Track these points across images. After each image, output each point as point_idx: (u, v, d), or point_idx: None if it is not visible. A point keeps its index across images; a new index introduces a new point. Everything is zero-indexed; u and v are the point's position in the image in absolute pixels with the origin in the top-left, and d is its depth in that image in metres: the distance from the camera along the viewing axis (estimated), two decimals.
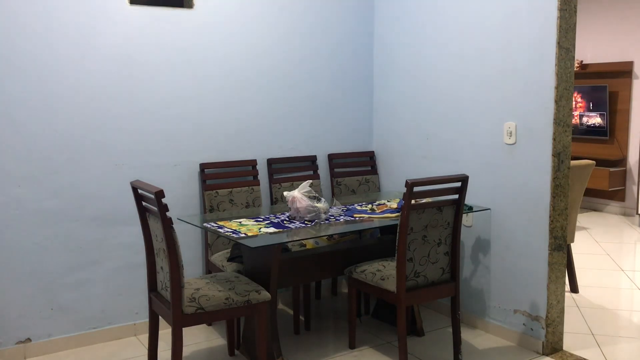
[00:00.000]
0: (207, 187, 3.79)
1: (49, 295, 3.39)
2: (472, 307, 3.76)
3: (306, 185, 3.31)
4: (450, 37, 3.83)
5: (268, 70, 4.03)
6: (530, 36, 3.31)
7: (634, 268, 5.07)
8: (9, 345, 3.30)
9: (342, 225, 3.29)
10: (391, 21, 4.32)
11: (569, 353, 3.37)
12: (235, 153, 3.95)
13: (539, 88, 3.27)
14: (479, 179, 3.58)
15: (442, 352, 3.42)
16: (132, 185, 2.93)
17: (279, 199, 4.02)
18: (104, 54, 3.44)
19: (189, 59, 3.72)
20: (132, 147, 3.57)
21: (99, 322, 3.55)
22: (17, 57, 3.21)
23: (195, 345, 3.51)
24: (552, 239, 3.28)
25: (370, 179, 4.47)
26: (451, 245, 3.18)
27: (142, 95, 3.58)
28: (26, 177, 3.28)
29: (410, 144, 4.20)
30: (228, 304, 2.82)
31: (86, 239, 3.47)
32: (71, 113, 3.38)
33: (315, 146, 4.30)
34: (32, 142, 3.29)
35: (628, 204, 7.01)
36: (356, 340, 3.47)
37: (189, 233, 3.71)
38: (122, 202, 3.51)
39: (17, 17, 3.19)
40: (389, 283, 3.09)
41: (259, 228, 3.10)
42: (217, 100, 3.85)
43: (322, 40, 4.25)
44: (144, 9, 3.54)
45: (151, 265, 3.01)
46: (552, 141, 3.23)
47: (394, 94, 4.34)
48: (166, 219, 2.65)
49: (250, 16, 3.93)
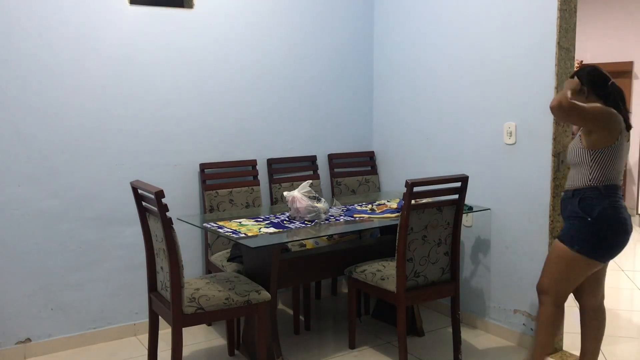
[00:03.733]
0: (207, 187, 3.79)
1: (49, 295, 3.39)
2: (472, 307, 3.76)
3: (306, 185, 3.31)
4: (450, 37, 3.83)
5: (268, 70, 4.03)
6: (530, 36, 3.31)
7: (634, 268, 5.07)
8: (9, 345, 3.30)
9: (342, 225, 3.29)
10: (391, 21, 4.32)
11: (569, 353, 3.37)
12: (235, 153, 3.95)
13: (539, 88, 3.27)
14: (479, 179, 3.58)
15: (442, 352, 3.42)
16: (132, 186, 2.93)
17: (279, 199, 4.02)
18: (104, 54, 3.44)
19: (189, 59, 3.72)
20: (132, 147, 3.57)
21: (99, 322, 3.55)
22: (17, 58, 3.21)
23: (195, 345, 3.51)
24: (552, 239, 3.28)
25: (370, 179, 4.47)
26: (451, 245, 3.18)
27: (142, 96, 3.58)
28: (26, 177, 3.28)
29: (410, 144, 4.20)
30: (228, 304, 2.82)
31: (86, 239, 3.47)
32: (71, 113, 3.38)
33: (315, 146, 4.30)
34: (32, 142, 3.28)
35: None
36: (356, 340, 3.47)
37: (189, 233, 3.71)
38: (122, 202, 3.51)
39: (17, 17, 3.18)
40: (389, 283, 3.09)
41: (259, 228, 3.10)
42: (217, 100, 3.85)
43: (322, 40, 4.25)
44: (144, 9, 3.54)
45: (151, 265, 3.01)
46: (552, 141, 3.23)
47: (394, 94, 4.34)
48: (166, 219, 2.65)
49: (251, 16, 3.93)
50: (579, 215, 2.66)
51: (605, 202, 2.61)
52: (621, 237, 2.65)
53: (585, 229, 2.64)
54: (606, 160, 2.61)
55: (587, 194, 2.65)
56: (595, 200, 2.62)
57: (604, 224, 2.61)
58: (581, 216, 2.65)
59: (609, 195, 2.62)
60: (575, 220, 2.68)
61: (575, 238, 2.66)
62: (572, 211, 2.70)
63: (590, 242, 2.63)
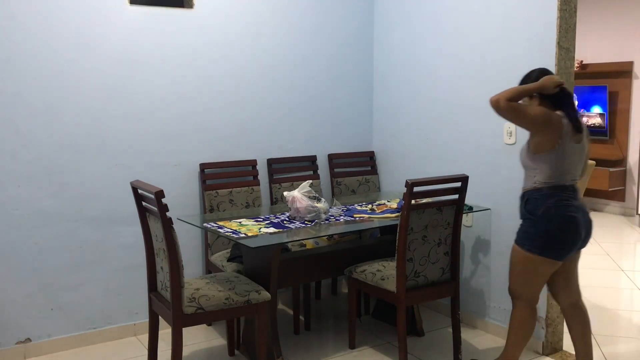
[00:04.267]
0: (207, 187, 3.79)
1: (49, 295, 3.39)
2: (472, 307, 3.76)
3: (306, 185, 3.31)
4: (450, 38, 3.83)
5: (268, 70, 4.03)
6: (530, 36, 3.31)
7: (634, 268, 5.07)
8: (9, 345, 3.30)
9: (342, 225, 3.29)
10: (391, 21, 4.32)
11: (568, 353, 3.37)
12: (235, 153, 3.95)
13: None
14: (479, 179, 3.58)
15: (442, 352, 3.42)
16: (132, 185, 2.93)
17: (279, 199, 4.02)
18: (104, 54, 3.44)
19: (189, 59, 3.72)
20: (132, 147, 3.57)
21: (99, 322, 3.55)
22: (17, 57, 3.21)
23: (195, 345, 3.51)
24: None
25: (370, 179, 4.47)
26: (451, 245, 3.18)
27: (142, 95, 3.58)
28: (26, 177, 3.28)
29: (410, 144, 4.20)
30: (228, 304, 2.82)
31: (86, 239, 3.47)
32: (71, 113, 3.38)
33: (315, 146, 4.30)
34: (32, 142, 3.28)
35: (628, 204, 7.01)
36: (356, 340, 3.47)
37: (189, 233, 3.71)
38: (122, 202, 3.51)
39: (17, 17, 3.18)
40: (389, 283, 3.09)
41: (259, 228, 3.10)
42: (217, 100, 3.85)
43: (322, 40, 4.24)
44: (144, 9, 3.54)
45: (151, 265, 3.01)
46: None
47: (394, 94, 4.34)
48: (166, 219, 2.65)
49: (251, 16, 3.93)
50: (526, 217, 2.75)
51: (549, 201, 2.67)
52: (568, 233, 2.69)
53: (533, 229, 2.71)
54: (549, 163, 2.66)
55: (533, 195, 2.72)
56: (539, 200, 2.69)
57: (548, 221, 2.67)
58: (528, 217, 2.74)
59: (554, 195, 2.67)
60: (525, 221, 2.77)
61: (525, 239, 2.73)
62: (521, 213, 2.79)
63: (538, 241, 2.69)
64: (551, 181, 2.67)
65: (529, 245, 2.71)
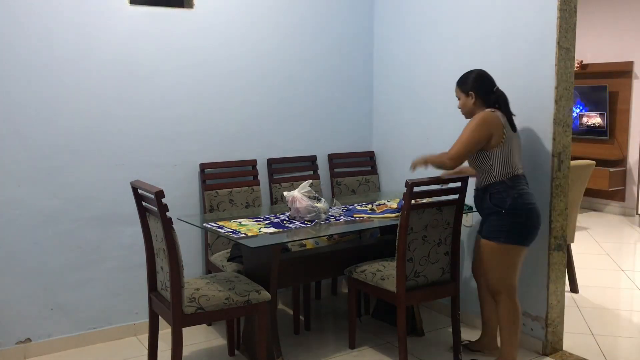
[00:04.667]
0: (207, 187, 3.79)
1: (49, 295, 3.39)
2: (472, 307, 3.76)
3: (306, 185, 3.31)
4: (450, 38, 3.83)
5: (268, 70, 4.03)
6: (530, 36, 3.31)
7: (634, 268, 5.07)
8: (9, 345, 3.30)
9: (342, 225, 3.29)
10: (391, 21, 4.32)
11: (568, 353, 3.37)
12: (235, 153, 3.95)
13: (538, 88, 3.27)
14: None
15: (442, 352, 3.42)
16: (132, 185, 2.93)
17: (279, 199, 4.02)
18: (104, 54, 3.44)
19: (189, 59, 3.72)
20: (132, 147, 3.57)
21: (99, 322, 3.55)
22: (17, 58, 3.20)
23: (195, 345, 3.51)
24: (552, 239, 3.28)
25: (370, 179, 4.47)
26: (451, 245, 3.18)
27: (142, 95, 3.58)
28: (26, 177, 3.28)
29: (410, 144, 4.20)
30: (228, 304, 2.82)
31: (86, 239, 3.47)
32: (71, 113, 3.38)
33: (315, 146, 4.30)
34: (32, 142, 3.28)
35: (628, 204, 7.01)
36: (356, 340, 3.47)
37: (189, 233, 3.71)
38: (122, 202, 3.51)
39: (17, 17, 3.18)
40: (389, 283, 3.09)
41: (259, 228, 3.10)
42: (217, 100, 3.85)
43: (322, 40, 4.25)
44: (144, 9, 3.54)
45: (151, 265, 3.01)
46: (552, 141, 3.23)
47: (394, 94, 4.34)
48: (166, 219, 2.65)
49: (250, 16, 3.93)
50: (493, 211, 2.98)
51: (512, 192, 2.93)
52: (534, 219, 2.98)
53: (504, 221, 2.95)
54: (503, 156, 2.95)
55: (496, 188, 2.97)
56: (504, 192, 2.94)
57: (517, 212, 2.93)
58: (495, 211, 2.96)
59: (514, 185, 2.95)
60: (493, 215, 2.99)
61: (499, 232, 2.96)
62: (487, 208, 3.02)
63: (512, 231, 2.94)
64: (510, 172, 2.95)
65: (505, 237, 2.94)
